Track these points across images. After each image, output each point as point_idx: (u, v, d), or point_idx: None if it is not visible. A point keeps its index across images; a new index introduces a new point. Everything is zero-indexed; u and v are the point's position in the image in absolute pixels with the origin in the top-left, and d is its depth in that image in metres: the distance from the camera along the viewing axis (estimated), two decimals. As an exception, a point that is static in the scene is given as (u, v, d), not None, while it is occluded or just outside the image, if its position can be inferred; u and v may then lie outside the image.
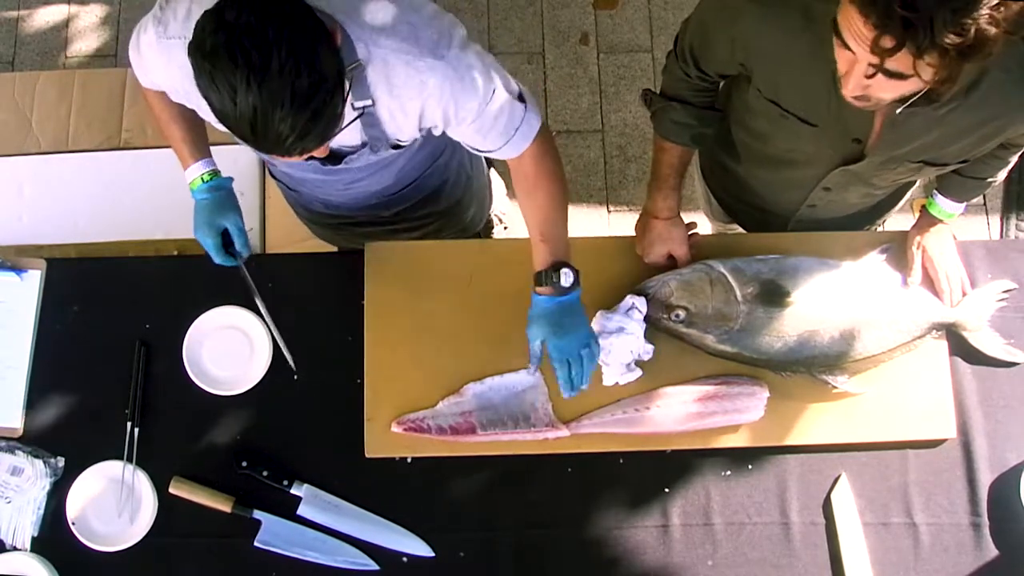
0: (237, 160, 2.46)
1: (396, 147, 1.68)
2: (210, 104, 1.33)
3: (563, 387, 1.74)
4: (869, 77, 1.35)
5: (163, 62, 1.57)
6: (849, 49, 1.34)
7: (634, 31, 3.26)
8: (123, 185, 2.47)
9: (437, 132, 1.64)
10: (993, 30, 1.23)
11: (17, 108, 2.56)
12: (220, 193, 1.80)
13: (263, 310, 1.86)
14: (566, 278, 1.69)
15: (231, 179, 1.84)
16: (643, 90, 1.88)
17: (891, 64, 1.30)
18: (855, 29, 1.30)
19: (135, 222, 2.40)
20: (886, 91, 1.38)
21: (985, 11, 1.22)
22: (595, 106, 3.19)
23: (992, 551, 1.85)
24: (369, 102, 1.53)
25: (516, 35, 3.26)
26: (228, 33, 1.27)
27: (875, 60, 1.30)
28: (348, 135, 1.56)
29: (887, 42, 1.26)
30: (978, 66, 1.32)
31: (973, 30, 1.22)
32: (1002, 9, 1.23)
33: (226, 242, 1.81)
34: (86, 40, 3.23)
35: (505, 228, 2.86)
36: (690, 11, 1.72)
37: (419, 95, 1.53)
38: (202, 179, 1.80)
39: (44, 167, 2.49)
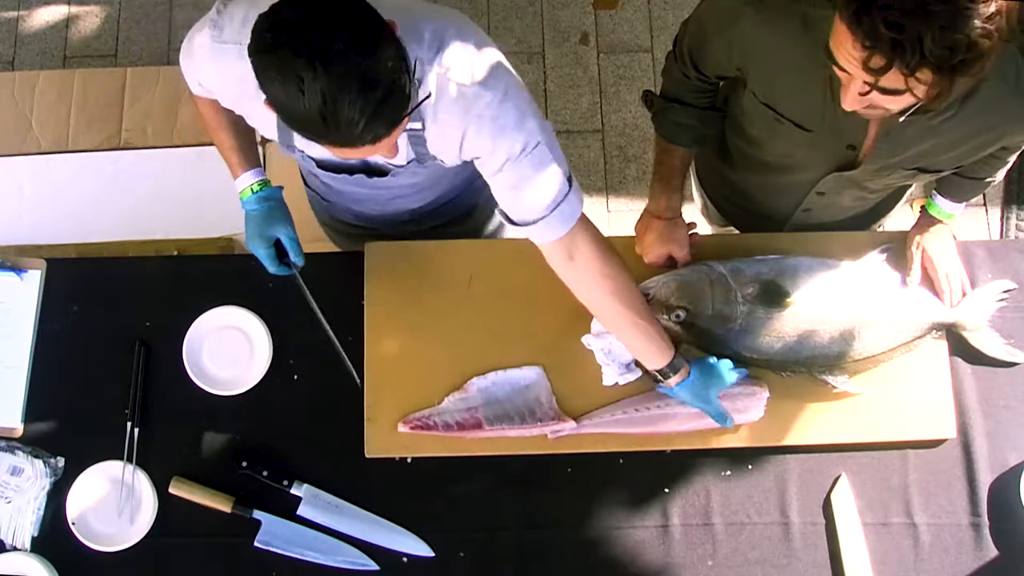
0: (237, 160, 2.47)
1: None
2: (277, 103, 1.30)
3: (719, 419, 1.83)
4: (864, 94, 1.35)
5: (216, 67, 1.55)
6: (843, 69, 1.34)
7: (634, 31, 3.26)
8: (123, 185, 2.47)
9: (479, 166, 1.61)
10: (987, 43, 1.23)
11: (17, 108, 2.56)
12: (271, 203, 1.77)
13: (321, 319, 1.79)
14: (674, 367, 1.76)
15: (281, 188, 1.80)
16: (644, 91, 1.88)
17: (884, 82, 1.30)
18: (846, 50, 1.30)
19: (135, 222, 2.40)
20: (887, 103, 1.38)
21: (978, 25, 1.22)
22: (595, 106, 3.19)
23: (992, 551, 1.85)
24: (419, 125, 1.52)
25: (516, 35, 3.26)
26: (288, 27, 1.26)
27: (869, 78, 1.31)
28: (399, 152, 1.53)
29: (876, 62, 1.27)
30: (974, 78, 1.32)
31: (964, 45, 1.23)
32: (995, 20, 1.23)
33: (279, 251, 1.78)
34: (86, 40, 3.23)
35: None
36: (690, 11, 1.72)
37: (461, 123, 1.51)
38: (251, 189, 1.76)
39: (44, 167, 2.49)
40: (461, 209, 2.01)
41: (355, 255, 1.96)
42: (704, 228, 2.39)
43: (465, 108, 1.50)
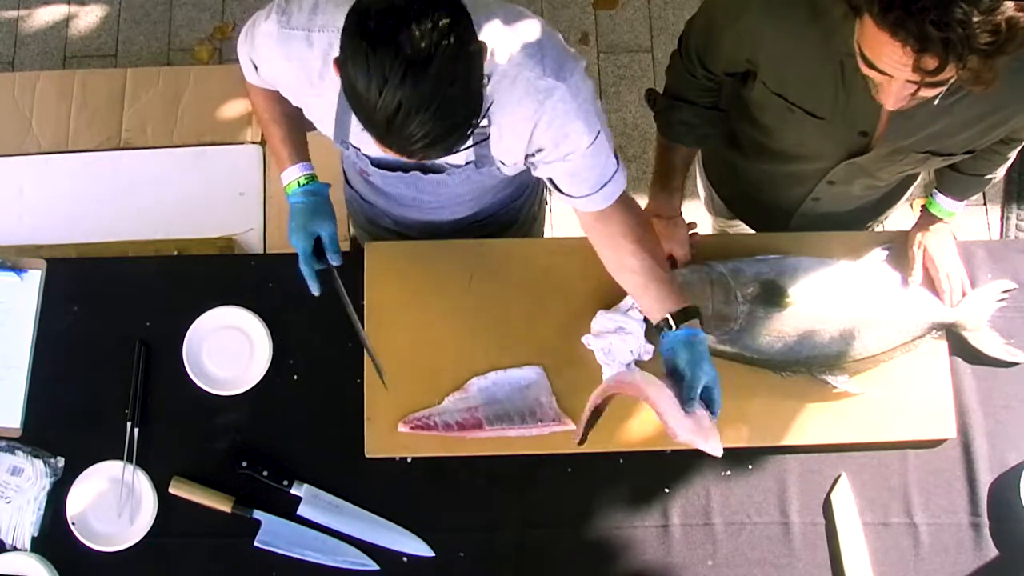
0: (237, 160, 2.47)
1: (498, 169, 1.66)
2: (351, 86, 1.27)
3: (690, 404, 1.63)
4: (914, 94, 1.35)
5: (281, 54, 1.52)
6: (884, 73, 1.34)
7: (634, 31, 3.26)
8: (123, 185, 2.47)
9: (535, 170, 1.60)
10: (1022, 17, 1.23)
11: (17, 108, 2.56)
12: (317, 199, 1.74)
13: (355, 320, 1.79)
14: (677, 320, 1.65)
15: (328, 185, 1.77)
16: (647, 90, 1.88)
17: (930, 77, 1.30)
18: (892, 56, 1.30)
19: (135, 222, 2.40)
20: (931, 92, 1.38)
21: (1012, 3, 1.22)
22: (595, 106, 3.19)
23: (992, 551, 1.85)
24: (486, 122, 1.50)
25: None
26: (396, 16, 1.22)
27: (916, 78, 1.31)
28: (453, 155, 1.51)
29: (930, 63, 1.27)
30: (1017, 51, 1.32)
31: (1006, 25, 1.23)
32: None
33: (317, 249, 1.75)
34: (86, 40, 3.23)
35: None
36: (690, 11, 1.72)
37: (534, 115, 1.49)
38: (298, 183, 1.73)
39: (44, 167, 2.49)
40: (497, 225, 2.00)
41: (355, 255, 1.96)
42: (707, 222, 2.39)
43: (539, 101, 1.48)
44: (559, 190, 1.64)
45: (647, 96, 1.87)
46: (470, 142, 1.36)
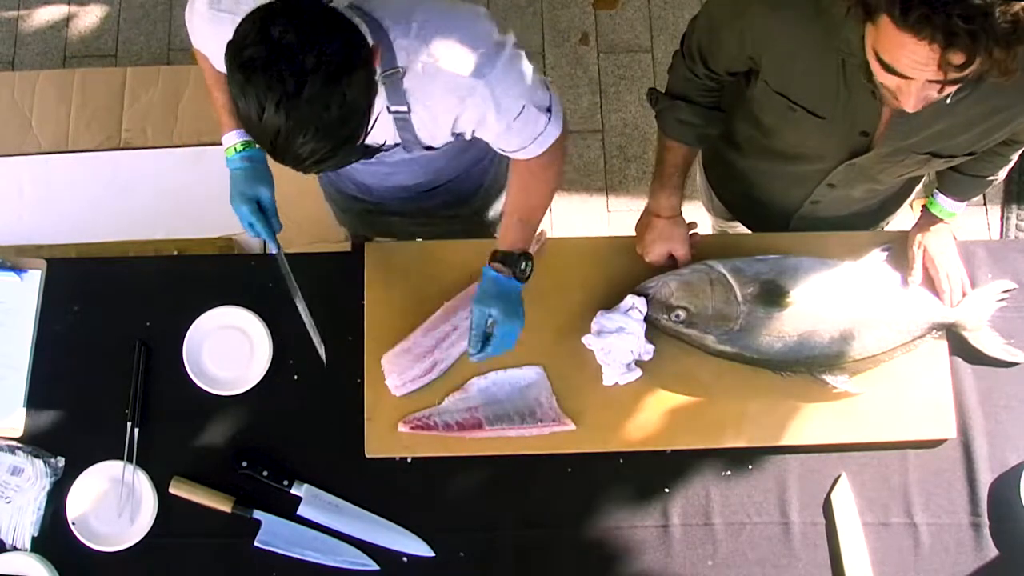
0: (237, 160, 2.47)
1: (429, 148, 1.70)
2: (237, 107, 1.34)
3: (474, 347, 1.78)
4: (940, 91, 1.35)
5: (210, 32, 1.58)
6: (903, 76, 1.34)
7: (634, 31, 3.26)
8: (123, 185, 2.47)
9: (467, 137, 1.66)
10: None
11: (17, 108, 2.56)
12: (255, 164, 1.79)
13: (297, 293, 1.82)
14: (530, 269, 1.77)
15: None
16: (649, 89, 1.88)
17: (955, 73, 1.30)
18: (914, 56, 1.29)
19: (135, 222, 2.40)
20: (952, 88, 1.38)
21: None
22: (595, 106, 3.19)
23: (992, 551, 1.85)
24: (405, 108, 1.55)
25: (516, 35, 3.25)
26: (269, 49, 1.28)
27: (940, 77, 1.30)
28: (383, 134, 1.57)
29: (957, 58, 1.26)
30: None
31: (1022, 12, 1.22)
32: None
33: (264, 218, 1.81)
34: (86, 40, 3.23)
35: None
36: (690, 11, 1.73)
37: (455, 109, 1.55)
38: (235, 148, 1.79)
39: (44, 167, 2.49)
40: (463, 192, 2.03)
41: (355, 255, 1.96)
42: (707, 224, 2.39)
43: (460, 97, 1.54)
44: (492, 145, 1.70)
45: (649, 95, 1.88)
46: (376, 125, 1.40)
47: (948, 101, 1.45)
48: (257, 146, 1.77)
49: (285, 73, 1.27)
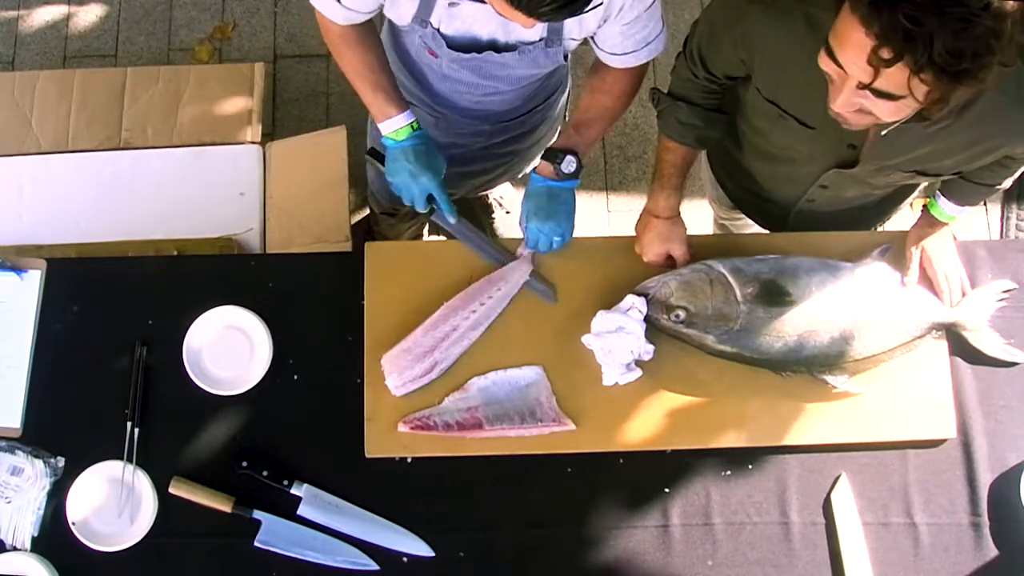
0: (237, 160, 2.47)
1: (556, 45, 1.76)
2: None
3: (530, 242, 1.90)
4: (862, 88, 1.36)
5: None
6: (840, 66, 1.35)
7: (634, 31, 3.26)
8: (123, 185, 2.47)
9: (596, 37, 1.75)
10: (991, 57, 1.25)
11: (17, 108, 2.56)
12: (428, 141, 1.86)
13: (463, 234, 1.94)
14: (568, 164, 1.82)
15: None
16: (651, 89, 1.89)
17: (882, 83, 1.31)
18: (854, 40, 1.31)
19: (135, 222, 2.39)
20: (878, 110, 1.39)
21: (986, 36, 1.23)
22: (595, 106, 3.19)
23: (992, 551, 1.85)
24: None
25: (516, 35, 3.25)
26: None
27: (867, 76, 1.31)
28: (530, 29, 1.63)
29: (886, 53, 1.27)
30: (973, 89, 1.32)
31: (971, 53, 1.24)
32: (1003, 36, 1.24)
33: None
34: (86, 40, 3.23)
35: (508, 212, 2.85)
36: (691, 11, 1.73)
37: None
38: (411, 127, 1.84)
39: (44, 167, 2.49)
40: (529, 125, 2.16)
41: (355, 255, 1.96)
42: (710, 216, 2.39)
43: None
44: (602, 47, 1.78)
45: (651, 95, 1.88)
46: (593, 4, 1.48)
47: (884, 133, 1.46)
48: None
49: None
